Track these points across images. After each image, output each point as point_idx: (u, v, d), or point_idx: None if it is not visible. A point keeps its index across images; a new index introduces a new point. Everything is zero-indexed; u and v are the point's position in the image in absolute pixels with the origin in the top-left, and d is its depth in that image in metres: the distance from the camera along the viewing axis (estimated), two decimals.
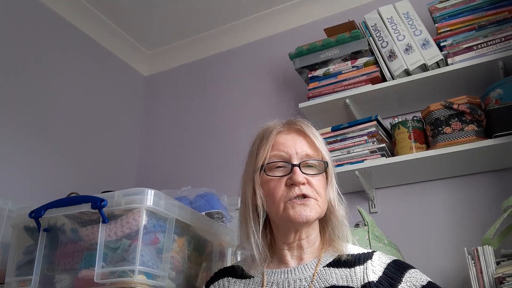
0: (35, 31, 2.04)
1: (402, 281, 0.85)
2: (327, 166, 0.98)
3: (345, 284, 0.87)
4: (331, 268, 0.91)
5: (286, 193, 0.92)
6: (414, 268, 0.91)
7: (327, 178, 0.98)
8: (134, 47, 2.56)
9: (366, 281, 0.86)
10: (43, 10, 2.11)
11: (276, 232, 0.98)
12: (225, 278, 0.99)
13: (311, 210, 0.91)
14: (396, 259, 0.93)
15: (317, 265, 0.93)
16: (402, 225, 1.72)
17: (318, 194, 0.93)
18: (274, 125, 1.01)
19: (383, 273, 0.88)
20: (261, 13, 2.34)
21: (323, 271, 0.91)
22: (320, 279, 0.89)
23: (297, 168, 0.93)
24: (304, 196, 0.92)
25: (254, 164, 0.97)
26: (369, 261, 0.91)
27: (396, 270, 0.88)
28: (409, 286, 0.84)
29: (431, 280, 0.87)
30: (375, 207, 1.79)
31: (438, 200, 1.71)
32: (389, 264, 0.90)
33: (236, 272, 1.00)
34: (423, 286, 0.84)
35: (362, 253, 0.94)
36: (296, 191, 0.91)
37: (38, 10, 2.08)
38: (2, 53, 1.87)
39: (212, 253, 1.25)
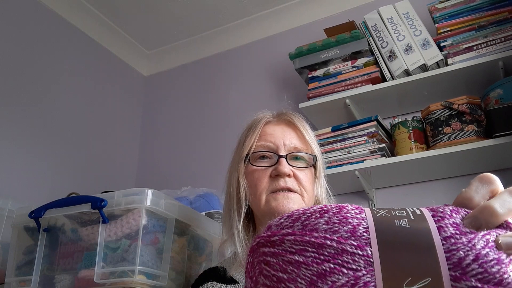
0: (35, 31, 2.04)
1: None
2: (316, 160, 0.93)
3: None
4: None
5: (269, 184, 0.88)
6: None
7: (315, 174, 0.93)
8: (134, 47, 2.56)
9: None
10: (43, 10, 2.11)
11: (259, 230, 0.93)
12: (209, 283, 0.96)
13: (294, 203, 0.86)
14: None
15: None
16: None
17: (304, 189, 0.88)
18: (263, 116, 0.98)
19: None
20: (261, 13, 2.34)
21: None
22: None
23: (283, 159, 0.88)
24: (289, 190, 0.87)
25: (240, 154, 0.93)
26: None
27: None
28: None
29: None
30: (375, 207, 1.79)
31: (438, 200, 1.70)
32: None
33: (219, 275, 0.96)
34: None
35: None
36: (281, 183, 0.87)
37: (38, 10, 2.08)
38: (1, 54, 1.87)
39: (212, 253, 1.25)
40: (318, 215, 0.35)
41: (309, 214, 0.35)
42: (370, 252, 0.31)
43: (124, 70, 2.54)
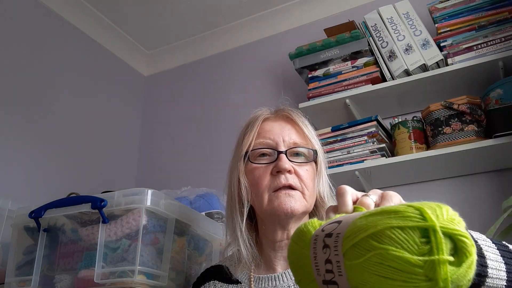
0: (35, 31, 2.04)
1: None
2: (317, 155, 0.92)
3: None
4: None
5: (271, 182, 0.86)
6: None
7: (316, 169, 0.92)
8: (134, 47, 2.56)
9: None
10: (43, 10, 2.11)
11: (262, 230, 0.92)
12: (211, 282, 0.95)
13: (296, 202, 0.85)
14: None
15: None
16: None
17: (305, 186, 0.87)
18: (261, 113, 0.96)
19: None
20: (261, 13, 2.34)
21: None
22: None
23: (283, 155, 0.87)
24: (290, 187, 0.86)
25: (239, 152, 0.92)
26: None
27: None
28: None
29: None
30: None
31: (438, 200, 1.70)
32: None
33: (222, 273, 0.94)
34: None
35: None
36: (282, 180, 0.85)
37: (38, 10, 2.08)
38: (1, 54, 1.87)
39: (212, 253, 1.25)
40: None
41: None
42: None
43: (124, 70, 2.54)
